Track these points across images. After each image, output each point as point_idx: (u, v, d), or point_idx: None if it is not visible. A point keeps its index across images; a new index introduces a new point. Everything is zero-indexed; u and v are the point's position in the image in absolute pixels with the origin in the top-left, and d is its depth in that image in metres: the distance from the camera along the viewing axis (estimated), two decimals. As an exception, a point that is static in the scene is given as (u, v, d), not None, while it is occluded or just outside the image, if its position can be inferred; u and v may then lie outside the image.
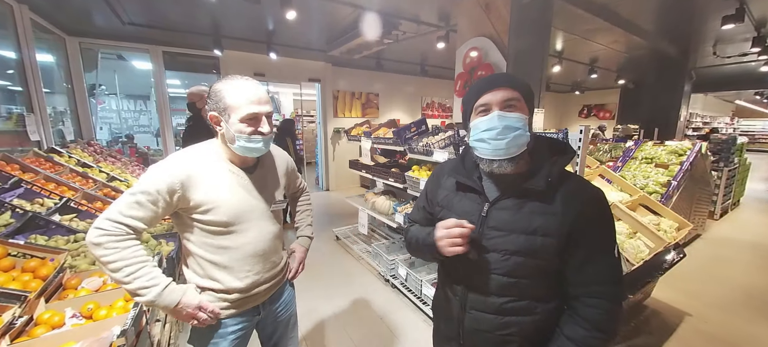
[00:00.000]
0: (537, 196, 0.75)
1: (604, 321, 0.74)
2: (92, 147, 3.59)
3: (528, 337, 0.81)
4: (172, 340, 1.71)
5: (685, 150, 3.28)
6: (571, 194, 0.76)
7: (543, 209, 0.75)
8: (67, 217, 1.99)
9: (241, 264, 1.03)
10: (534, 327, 0.80)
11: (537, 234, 0.74)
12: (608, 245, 0.77)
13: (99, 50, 4.73)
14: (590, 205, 0.76)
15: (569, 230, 0.73)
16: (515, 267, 0.76)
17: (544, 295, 0.80)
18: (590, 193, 0.78)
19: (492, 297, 0.80)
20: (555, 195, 0.75)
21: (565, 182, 0.77)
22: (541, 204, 0.75)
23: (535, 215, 0.75)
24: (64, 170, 2.59)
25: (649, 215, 2.40)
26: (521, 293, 0.79)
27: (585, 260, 0.75)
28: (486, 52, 2.86)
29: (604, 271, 0.75)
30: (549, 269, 0.77)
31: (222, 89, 0.94)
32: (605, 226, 0.77)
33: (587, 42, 4.99)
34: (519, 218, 0.76)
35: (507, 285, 0.78)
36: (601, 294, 0.75)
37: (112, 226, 0.85)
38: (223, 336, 1.05)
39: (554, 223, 0.74)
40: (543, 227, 0.74)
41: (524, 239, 0.75)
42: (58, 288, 1.41)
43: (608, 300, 0.75)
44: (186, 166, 0.94)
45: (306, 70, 6.08)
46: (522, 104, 0.75)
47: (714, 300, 2.67)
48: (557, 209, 0.74)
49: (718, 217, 4.69)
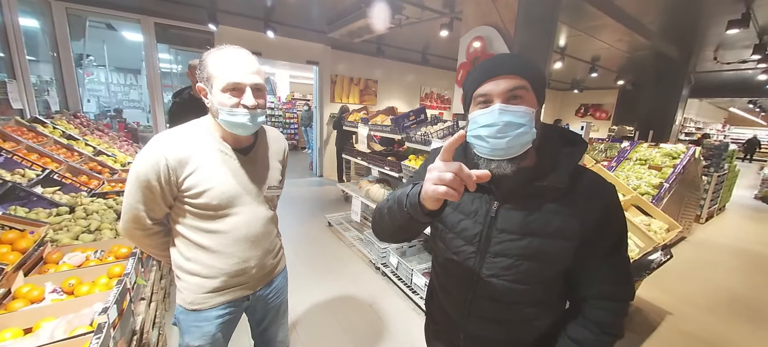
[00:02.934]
0: (554, 194, 0.66)
1: (613, 323, 0.71)
2: (78, 119, 3.46)
3: (533, 343, 0.77)
4: (157, 320, 1.69)
5: (680, 154, 3.31)
6: (590, 192, 0.68)
7: (561, 210, 0.66)
8: (49, 189, 1.92)
9: (230, 249, 0.99)
10: (540, 332, 0.76)
11: (555, 237, 0.66)
12: (622, 244, 0.72)
13: (87, 17, 4.51)
14: (609, 203, 0.69)
15: (589, 230, 0.67)
16: (529, 273, 0.69)
17: (552, 299, 0.75)
18: (609, 190, 0.70)
19: (499, 304, 0.74)
20: (573, 193, 0.67)
21: (581, 177, 0.69)
22: (558, 204, 0.67)
23: (553, 215, 0.66)
24: (47, 141, 2.49)
25: (640, 215, 2.42)
26: (531, 299, 0.73)
27: (599, 260, 0.70)
28: (490, 42, 2.80)
29: (615, 271, 0.71)
30: (561, 272, 0.71)
31: (207, 57, 0.88)
32: (620, 224, 0.71)
33: (591, 39, 4.95)
34: (534, 220, 0.67)
35: (517, 291, 0.71)
36: (610, 295, 0.71)
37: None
38: (208, 319, 1.02)
39: (575, 225, 0.66)
40: (562, 229, 0.66)
41: (540, 242, 0.67)
42: (39, 261, 1.36)
43: (618, 300, 0.71)
44: (172, 147, 0.88)
45: (304, 52, 5.93)
46: (530, 95, 0.63)
47: (695, 300, 2.74)
48: (576, 208, 0.66)
49: (704, 221, 4.79)
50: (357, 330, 2.16)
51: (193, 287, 1.00)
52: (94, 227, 1.66)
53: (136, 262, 1.36)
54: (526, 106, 0.61)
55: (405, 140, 2.66)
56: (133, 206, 0.91)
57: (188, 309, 1.01)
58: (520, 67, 0.63)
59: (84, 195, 2.01)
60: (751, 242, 4.22)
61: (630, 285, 0.73)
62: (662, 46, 5.08)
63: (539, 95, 0.65)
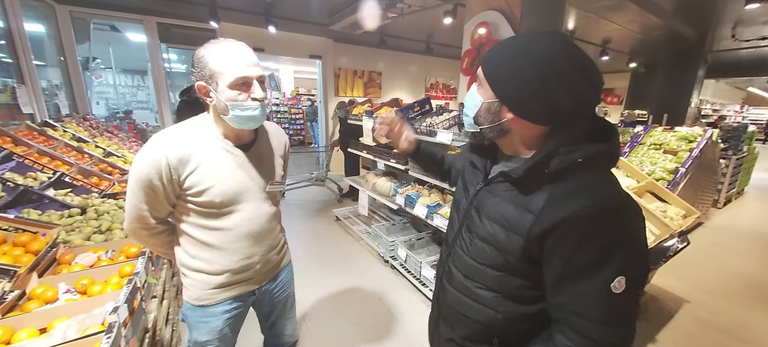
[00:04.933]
0: (515, 184, 0.66)
1: None
2: (88, 122, 3.52)
3: (498, 333, 0.74)
4: (170, 316, 1.71)
5: (696, 137, 3.19)
6: (562, 196, 0.59)
7: (516, 200, 0.65)
8: (61, 192, 1.96)
9: (234, 245, 0.99)
10: (494, 323, 0.73)
11: (504, 228, 0.66)
12: (601, 274, 0.57)
13: (91, 20, 4.55)
14: (574, 222, 0.57)
15: (542, 236, 0.60)
16: (482, 253, 0.72)
17: (508, 294, 0.71)
18: (588, 210, 0.57)
19: (461, 276, 0.78)
20: (539, 191, 0.62)
21: (565, 180, 0.60)
22: (523, 196, 0.64)
23: (508, 203, 0.67)
24: (58, 144, 2.54)
25: (655, 201, 2.35)
26: (489, 283, 0.72)
27: (558, 280, 0.61)
28: (496, 27, 2.72)
29: (586, 302, 0.59)
30: (518, 268, 0.67)
31: (205, 54, 0.85)
32: (594, 250, 0.57)
33: (602, 21, 4.78)
34: (496, 204, 0.69)
35: (475, 269, 0.74)
36: (578, 329, 0.60)
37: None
38: (216, 314, 1.03)
39: (523, 221, 0.63)
40: (510, 219, 0.65)
41: (490, 226, 0.69)
42: (52, 263, 1.39)
43: (589, 339, 0.59)
44: (173, 146, 0.87)
45: (307, 46, 5.88)
46: (485, 86, 0.67)
47: (713, 287, 2.67)
48: (536, 207, 0.61)
49: (722, 205, 4.64)
50: (366, 323, 2.17)
51: (198, 283, 1.00)
52: (105, 228, 1.69)
53: (146, 261, 1.37)
54: (479, 95, 0.70)
55: (410, 132, 2.62)
56: (137, 206, 0.91)
57: (195, 304, 1.02)
58: (486, 58, 0.69)
59: (95, 196, 2.05)
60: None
61: (610, 325, 0.59)
62: (677, 26, 4.87)
63: (499, 90, 0.66)
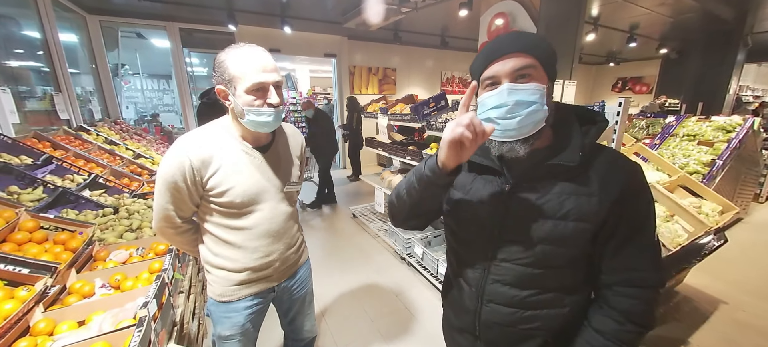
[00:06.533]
0: (567, 174, 0.64)
1: (640, 312, 0.65)
2: (119, 126, 3.71)
3: (553, 331, 0.73)
4: (197, 310, 1.79)
5: (735, 126, 2.97)
6: (608, 170, 0.65)
7: (575, 190, 0.64)
8: (96, 192, 2.08)
9: (254, 244, 1.02)
10: (561, 319, 0.71)
11: (569, 219, 0.64)
12: (648, 227, 0.67)
13: (119, 28, 4.79)
14: (630, 182, 0.65)
15: (607, 212, 0.63)
16: (542, 257, 0.67)
17: (573, 285, 0.71)
18: (629, 167, 0.66)
19: (514, 290, 0.71)
20: (589, 172, 0.65)
21: (599, 155, 0.66)
22: (573, 184, 0.64)
23: (567, 196, 0.64)
24: (92, 147, 2.70)
25: (689, 196, 2.21)
26: (547, 284, 0.70)
27: (621, 244, 0.65)
28: (514, 17, 2.63)
29: (641, 256, 0.66)
30: (581, 256, 0.68)
31: (225, 59, 0.88)
32: (645, 205, 0.66)
33: (628, 6, 4.51)
34: (547, 201, 0.65)
35: (532, 276, 0.69)
36: (637, 282, 0.66)
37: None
38: (238, 310, 1.07)
39: (590, 205, 0.63)
40: (576, 210, 0.64)
41: (553, 224, 0.65)
42: (89, 259, 1.48)
43: (645, 288, 0.66)
44: (196, 149, 0.91)
45: (321, 45, 5.94)
46: (539, 72, 0.61)
47: (753, 287, 2.48)
48: (593, 188, 0.64)
49: (764, 200, 4.31)
50: (384, 320, 2.18)
51: (221, 280, 1.04)
52: (136, 226, 1.78)
53: (173, 258, 1.44)
54: (536, 83, 0.61)
55: (425, 128, 2.60)
56: (163, 206, 0.95)
57: (218, 300, 1.06)
58: (526, 45, 0.61)
59: (126, 196, 2.16)
60: (823, 221, 3.75)
61: (657, 270, 0.68)
62: (712, 6, 4.52)
63: (550, 72, 0.64)
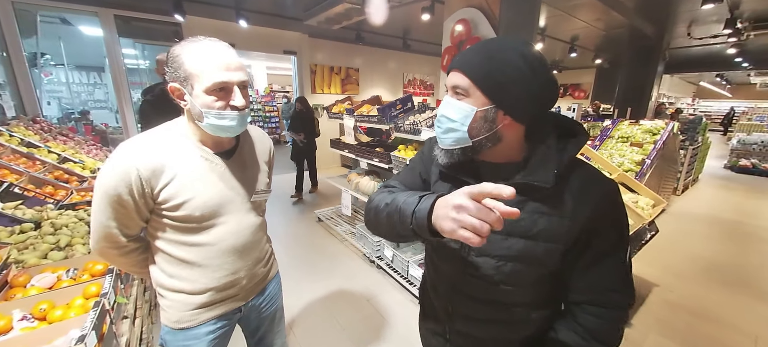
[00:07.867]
0: (541, 193, 0.61)
1: (606, 331, 0.65)
2: (38, 124, 3.19)
3: (524, 342, 0.74)
4: (145, 336, 1.59)
5: (659, 129, 3.41)
6: (582, 191, 0.62)
7: (548, 210, 0.62)
8: (10, 205, 1.75)
9: (217, 261, 0.91)
10: (530, 333, 0.73)
11: (539, 240, 0.63)
12: (620, 248, 0.65)
13: (37, 12, 4.12)
14: (605, 204, 0.63)
15: (580, 233, 0.62)
16: (512, 275, 0.66)
17: (542, 300, 0.71)
18: (605, 188, 0.64)
19: (481, 305, 0.71)
20: (563, 193, 0.62)
21: (574, 173, 0.63)
22: (546, 204, 0.62)
23: (539, 216, 0.62)
24: (4, 150, 2.27)
25: (627, 193, 2.47)
26: (516, 301, 0.70)
27: (592, 263, 0.65)
28: (475, 24, 2.74)
29: (611, 276, 0.65)
30: (551, 274, 0.67)
31: (180, 53, 0.76)
32: (618, 227, 0.65)
33: (570, 18, 4.98)
34: (520, 220, 0.63)
35: (501, 292, 0.68)
36: (605, 303, 0.65)
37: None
38: (198, 336, 0.94)
39: (561, 226, 0.62)
40: (547, 231, 0.62)
41: (523, 244, 0.63)
42: (3, 286, 1.24)
43: (613, 309, 0.65)
44: (144, 156, 0.78)
45: (281, 41, 5.67)
46: (475, 94, 0.60)
47: (678, 270, 2.87)
48: (566, 209, 0.62)
49: (680, 193, 5.02)
50: (356, 327, 2.13)
51: (177, 304, 0.92)
52: (65, 243, 1.53)
53: (115, 279, 1.25)
54: (468, 104, 0.61)
55: (393, 131, 2.60)
56: (104, 223, 0.81)
57: (175, 328, 0.93)
58: (467, 64, 0.61)
59: (50, 208, 1.85)
60: (724, 210, 4.47)
61: (626, 290, 0.66)
62: (638, 23, 5.17)
63: (493, 95, 0.59)
